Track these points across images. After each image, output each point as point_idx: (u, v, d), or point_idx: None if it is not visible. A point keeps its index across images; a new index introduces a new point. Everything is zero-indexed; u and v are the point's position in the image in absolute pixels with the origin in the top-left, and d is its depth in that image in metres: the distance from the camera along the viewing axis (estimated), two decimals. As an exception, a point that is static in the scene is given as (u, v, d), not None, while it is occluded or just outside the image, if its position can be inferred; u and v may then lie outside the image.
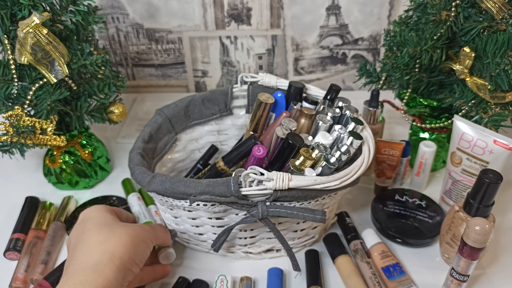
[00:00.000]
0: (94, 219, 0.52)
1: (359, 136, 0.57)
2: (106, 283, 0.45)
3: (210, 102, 0.71)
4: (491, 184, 0.52)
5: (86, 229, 0.51)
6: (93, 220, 0.52)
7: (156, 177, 0.55)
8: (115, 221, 0.53)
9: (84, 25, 0.66)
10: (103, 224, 0.51)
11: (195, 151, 0.74)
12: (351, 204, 0.71)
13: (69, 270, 0.47)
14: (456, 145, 0.64)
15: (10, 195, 0.74)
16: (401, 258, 0.63)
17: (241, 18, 0.95)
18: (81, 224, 0.53)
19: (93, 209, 0.54)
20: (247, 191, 0.52)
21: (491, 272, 0.61)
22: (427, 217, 0.66)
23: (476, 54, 0.62)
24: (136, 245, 0.50)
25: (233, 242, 0.62)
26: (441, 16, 0.63)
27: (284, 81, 0.69)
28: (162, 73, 1.04)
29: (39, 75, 0.64)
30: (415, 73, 0.67)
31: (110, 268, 0.46)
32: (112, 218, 0.53)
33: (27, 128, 0.63)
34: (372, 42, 0.98)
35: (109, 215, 0.54)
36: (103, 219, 0.52)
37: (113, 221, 0.53)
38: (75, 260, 0.48)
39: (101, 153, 0.77)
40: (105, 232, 0.50)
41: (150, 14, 0.95)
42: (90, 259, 0.47)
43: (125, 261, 0.48)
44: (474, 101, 0.65)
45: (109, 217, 0.53)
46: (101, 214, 0.53)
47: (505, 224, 0.68)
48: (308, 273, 0.60)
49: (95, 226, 0.51)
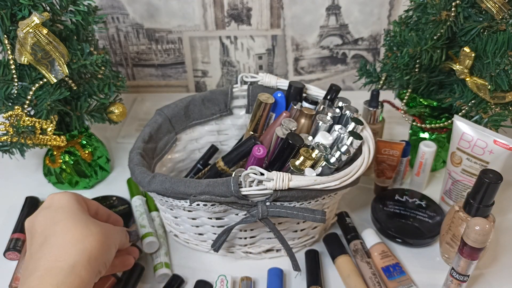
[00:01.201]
0: (66, 208, 0.49)
1: (359, 136, 0.57)
2: (82, 285, 0.44)
3: (210, 102, 0.71)
4: (491, 184, 0.52)
5: (58, 219, 0.48)
6: (65, 210, 0.49)
7: (156, 177, 0.55)
8: (87, 215, 0.51)
9: (84, 25, 0.66)
10: (77, 218, 0.49)
11: (195, 151, 0.74)
12: (351, 204, 0.71)
13: (42, 266, 0.44)
14: (456, 145, 0.64)
15: (10, 195, 0.74)
16: (401, 258, 0.63)
17: (241, 18, 0.95)
18: (50, 211, 0.49)
19: (63, 196, 0.51)
20: (247, 191, 0.52)
21: (491, 272, 0.61)
22: (427, 217, 0.66)
23: (476, 54, 0.62)
24: (108, 247, 0.49)
25: (233, 242, 0.62)
26: (441, 16, 0.63)
27: (284, 81, 0.69)
28: (162, 73, 1.04)
29: (39, 75, 0.64)
30: (415, 73, 0.67)
31: (86, 270, 0.45)
32: (83, 211, 0.51)
33: (27, 128, 0.63)
34: (372, 42, 0.98)
35: (81, 207, 0.51)
36: (76, 211, 0.50)
37: (86, 216, 0.50)
38: (49, 255, 0.45)
39: (101, 153, 0.77)
40: (81, 228, 0.48)
41: (150, 14, 0.95)
42: (67, 258, 0.45)
43: (99, 262, 0.47)
44: (474, 101, 0.65)
45: (81, 209, 0.51)
46: (73, 205, 0.50)
47: (505, 224, 0.68)
48: (308, 273, 0.60)
49: (69, 219, 0.48)
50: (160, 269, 0.60)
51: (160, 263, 0.61)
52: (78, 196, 0.53)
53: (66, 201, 0.51)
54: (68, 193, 0.52)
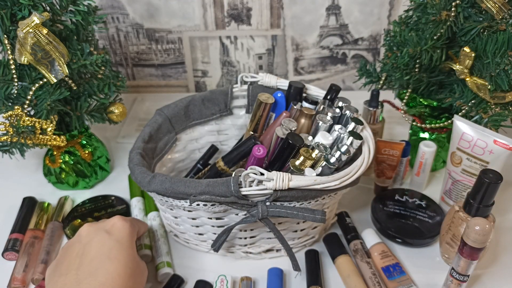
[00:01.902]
0: (124, 245, 0.51)
1: (359, 136, 0.57)
2: None
3: (210, 102, 0.71)
4: (491, 184, 0.52)
5: (113, 256, 0.50)
6: (123, 247, 0.51)
7: (156, 177, 0.55)
8: (136, 258, 0.53)
9: (84, 25, 0.66)
10: (129, 264, 0.50)
11: (195, 151, 0.74)
12: (351, 204, 0.71)
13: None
14: (456, 145, 0.64)
15: (9, 195, 0.74)
16: (401, 258, 0.63)
17: (241, 18, 0.95)
18: (110, 241, 0.51)
19: (124, 228, 0.53)
20: (247, 191, 0.52)
21: (491, 272, 0.61)
22: (427, 217, 0.66)
23: (476, 54, 0.62)
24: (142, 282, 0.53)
25: (233, 242, 0.62)
26: (441, 16, 0.63)
27: (284, 81, 0.69)
28: (162, 73, 1.04)
29: (39, 75, 0.64)
30: (415, 73, 0.67)
31: None
32: (134, 249, 0.53)
33: (27, 128, 0.63)
34: (372, 42, 0.98)
35: (133, 244, 0.53)
36: (130, 252, 0.51)
37: (135, 262, 0.52)
38: None
39: (101, 153, 0.77)
40: (130, 270, 0.50)
41: (150, 14, 0.95)
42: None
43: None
44: (474, 101, 0.65)
45: (134, 248, 0.53)
46: (130, 241, 0.52)
47: (505, 224, 0.68)
48: (308, 273, 0.60)
49: (121, 262, 0.50)
50: (163, 268, 0.60)
51: (162, 262, 0.61)
52: (134, 229, 0.55)
53: (125, 234, 0.53)
54: (128, 226, 0.54)
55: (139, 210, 0.69)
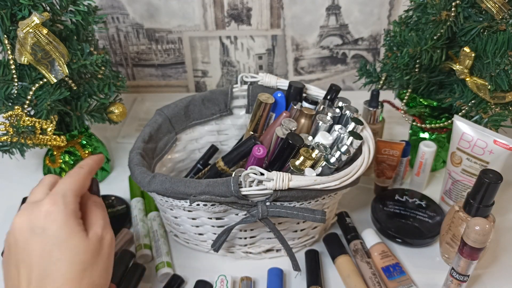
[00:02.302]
0: (62, 239, 0.44)
1: (359, 136, 0.57)
2: None
3: (210, 102, 0.71)
4: (491, 184, 0.52)
5: (55, 258, 0.43)
6: (61, 243, 0.44)
7: (156, 177, 0.55)
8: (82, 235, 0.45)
9: (84, 25, 0.66)
10: (75, 251, 0.44)
11: (195, 151, 0.74)
12: (351, 204, 0.71)
13: None
14: (456, 145, 0.64)
15: (9, 195, 0.74)
16: (401, 258, 0.63)
17: (241, 18, 0.95)
18: (46, 240, 0.44)
19: (58, 217, 0.44)
20: (247, 191, 0.52)
21: (491, 272, 0.61)
22: (427, 217, 0.66)
23: (476, 54, 0.62)
24: (109, 267, 0.48)
25: (233, 242, 0.62)
26: (441, 16, 0.63)
27: (284, 81, 0.69)
28: (162, 73, 1.04)
29: (39, 75, 0.64)
30: (415, 73, 0.67)
31: None
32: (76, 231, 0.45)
33: (27, 128, 0.63)
34: (372, 42, 0.98)
35: (73, 224, 0.45)
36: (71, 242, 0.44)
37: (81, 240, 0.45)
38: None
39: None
40: (81, 259, 0.44)
41: (150, 14, 0.95)
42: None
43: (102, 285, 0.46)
44: (474, 101, 0.65)
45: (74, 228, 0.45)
46: (68, 228, 0.44)
47: (505, 224, 0.68)
48: (308, 273, 0.60)
49: (68, 259, 0.43)
50: (162, 268, 0.60)
51: (162, 262, 0.61)
52: (71, 203, 0.46)
53: (62, 221, 0.45)
54: (63, 208, 0.45)
55: (139, 210, 0.69)
